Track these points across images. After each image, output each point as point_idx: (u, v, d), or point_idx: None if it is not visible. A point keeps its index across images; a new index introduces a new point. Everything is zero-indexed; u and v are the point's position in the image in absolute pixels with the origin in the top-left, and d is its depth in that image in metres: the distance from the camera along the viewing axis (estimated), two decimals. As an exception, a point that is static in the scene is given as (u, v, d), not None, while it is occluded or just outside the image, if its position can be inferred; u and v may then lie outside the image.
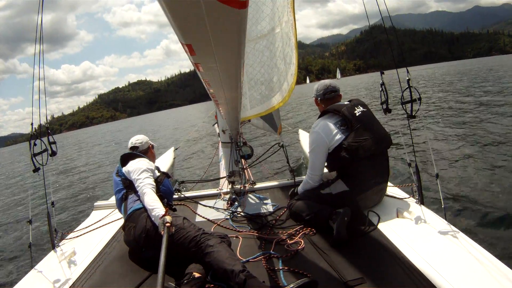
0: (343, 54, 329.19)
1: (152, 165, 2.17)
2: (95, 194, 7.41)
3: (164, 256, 1.37)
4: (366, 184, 2.07)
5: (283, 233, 2.04)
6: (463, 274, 1.39)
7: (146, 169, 2.02)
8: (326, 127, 2.11)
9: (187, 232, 1.74)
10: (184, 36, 0.80)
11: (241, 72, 1.17)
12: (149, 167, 2.07)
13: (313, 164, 2.20)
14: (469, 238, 1.63)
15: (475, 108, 9.65)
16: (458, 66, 50.24)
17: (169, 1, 0.67)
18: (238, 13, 0.70)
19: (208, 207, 2.70)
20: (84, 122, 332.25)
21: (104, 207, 2.84)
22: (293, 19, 2.40)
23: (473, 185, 3.98)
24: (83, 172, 11.38)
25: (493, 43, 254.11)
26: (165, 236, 1.54)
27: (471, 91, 14.60)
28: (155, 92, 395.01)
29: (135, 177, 1.98)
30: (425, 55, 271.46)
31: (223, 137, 3.20)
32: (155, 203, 1.80)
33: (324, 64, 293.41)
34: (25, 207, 7.43)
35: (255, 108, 2.81)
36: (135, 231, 1.85)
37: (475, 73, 27.99)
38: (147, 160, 2.16)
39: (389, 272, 1.53)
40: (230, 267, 1.50)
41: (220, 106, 1.89)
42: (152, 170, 2.08)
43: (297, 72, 2.55)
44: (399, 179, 4.51)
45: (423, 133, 7.01)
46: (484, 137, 6.12)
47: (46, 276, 1.78)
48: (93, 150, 20.24)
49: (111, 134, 38.57)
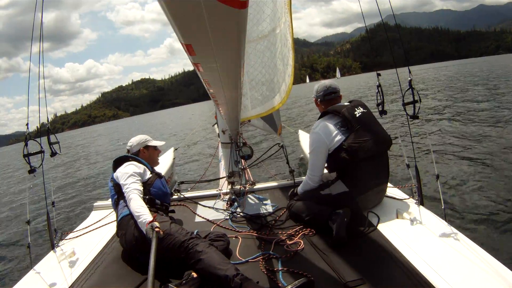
0: (348, 52, 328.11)
1: (141, 168, 2.11)
2: (95, 194, 7.41)
3: (154, 260, 1.36)
4: (366, 185, 2.07)
5: (283, 234, 2.04)
6: (463, 275, 1.39)
7: (133, 173, 2.00)
8: (326, 128, 2.11)
9: (175, 238, 1.71)
10: (184, 36, 0.80)
11: (241, 72, 1.17)
12: (136, 171, 2.03)
13: (313, 165, 2.19)
14: (468, 239, 1.63)
15: (477, 108, 9.62)
16: (467, 65, 49.80)
17: (169, 1, 0.67)
18: (238, 13, 0.70)
19: (208, 208, 2.69)
20: (86, 121, 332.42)
21: (104, 207, 2.83)
22: (290, 19, 2.40)
23: (473, 186, 3.97)
24: (83, 172, 11.38)
25: (500, 42, 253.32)
26: (153, 240, 1.52)
27: (472, 90, 14.56)
28: (158, 90, 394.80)
29: (122, 182, 1.96)
30: (431, 54, 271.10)
31: (223, 137, 3.19)
32: (140, 209, 1.77)
33: (330, 62, 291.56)
34: (26, 207, 7.41)
35: (256, 108, 2.81)
36: (125, 238, 1.84)
37: (483, 72, 27.77)
38: (135, 164, 2.11)
39: (389, 273, 1.53)
40: (223, 273, 1.48)
41: (220, 106, 1.89)
42: (140, 173, 2.05)
43: (293, 73, 2.55)
44: (399, 180, 4.51)
45: (423, 133, 7.00)
46: (486, 137, 6.11)
47: (45, 276, 1.78)
48: (93, 149, 20.26)
49: (109, 135, 38.57)
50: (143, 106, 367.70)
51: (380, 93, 2.02)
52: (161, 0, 0.66)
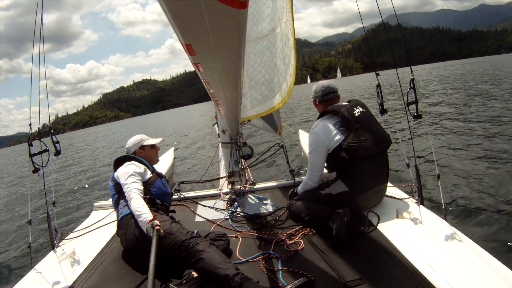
0: (349, 53, 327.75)
1: (142, 167, 2.11)
2: (95, 195, 7.41)
3: (154, 259, 1.35)
4: (365, 185, 2.07)
5: (283, 233, 2.04)
6: (462, 275, 1.39)
7: (133, 173, 2.00)
8: (325, 128, 2.11)
9: (175, 237, 1.71)
10: (184, 36, 0.80)
11: (241, 72, 1.18)
12: (137, 171, 2.04)
13: (312, 164, 2.20)
14: (468, 239, 1.63)
15: (478, 108, 9.61)
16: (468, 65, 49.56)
17: (169, 1, 0.67)
18: (238, 13, 0.70)
19: (208, 207, 2.70)
20: (87, 122, 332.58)
21: (104, 207, 2.83)
22: (291, 19, 2.40)
23: (474, 186, 3.97)
24: (83, 172, 11.38)
25: (502, 41, 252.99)
26: (154, 238, 1.52)
27: (474, 90, 14.55)
28: (159, 91, 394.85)
29: (122, 182, 1.96)
30: (433, 54, 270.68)
31: (223, 137, 3.20)
32: (141, 208, 1.77)
33: (331, 62, 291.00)
34: (27, 207, 7.42)
35: (255, 108, 2.81)
36: (126, 237, 1.84)
37: (485, 71, 27.68)
38: (135, 163, 2.11)
39: (389, 273, 1.53)
40: (223, 272, 1.48)
41: (220, 106, 1.89)
42: (140, 173, 2.05)
43: (295, 72, 2.55)
44: (399, 180, 4.51)
45: (424, 133, 6.99)
46: (487, 137, 6.11)
47: (45, 276, 1.78)
48: (93, 150, 20.27)
49: (109, 136, 38.55)
50: (144, 107, 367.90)
51: (380, 93, 2.03)
52: (161, 0, 0.66)
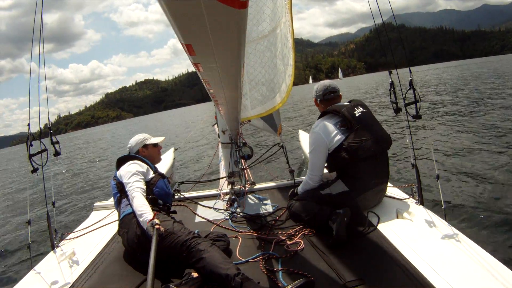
0: (352, 53, 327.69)
1: (144, 167, 2.12)
2: (95, 195, 7.41)
3: (154, 258, 1.35)
4: (366, 185, 2.07)
5: (283, 234, 2.04)
6: (463, 275, 1.39)
7: (136, 172, 2.00)
8: (326, 128, 2.11)
9: (177, 237, 1.71)
10: (184, 36, 0.80)
11: (241, 72, 1.18)
12: (139, 170, 2.04)
13: (313, 164, 2.20)
14: (468, 239, 1.63)
15: (479, 108, 9.58)
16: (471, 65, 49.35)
17: (169, 1, 0.67)
18: (238, 13, 0.70)
19: (208, 208, 2.70)
20: (89, 122, 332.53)
21: (104, 207, 2.83)
22: (290, 19, 2.40)
23: (474, 186, 3.97)
24: (83, 172, 11.38)
25: (505, 41, 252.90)
26: (154, 237, 1.52)
27: (475, 90, 14.53)
28: (162, 91, 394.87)
29: (125, 181, 1.97)
30: (436, 54, 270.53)
31: (223, 137, 3.20)
32: (143, 207, 1.78)
33: (334, 62, 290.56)
34: (28, 207, 7.42)
35: (256, 108, 2.81)
36: (127, 236, 1.84)
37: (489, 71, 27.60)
38: (138, 163, 2.11)
39: (389, 273, 1.53)
40: (224, 272, 1.48)
41: (220, 107, 1.89)
42: (143, 172, 2.05)
43: (294, 73, 2.55)
44: (399, 180, 4.51)
45: (424, 133, 6.99)
46: (487, 138, 6.10)
47: (45, 276, 1.78)
48: (94, 150, 20.28)
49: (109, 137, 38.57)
50: (146, 107, 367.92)
51: (393, 90, 1.99)
52: (161, 0, 0.66)
